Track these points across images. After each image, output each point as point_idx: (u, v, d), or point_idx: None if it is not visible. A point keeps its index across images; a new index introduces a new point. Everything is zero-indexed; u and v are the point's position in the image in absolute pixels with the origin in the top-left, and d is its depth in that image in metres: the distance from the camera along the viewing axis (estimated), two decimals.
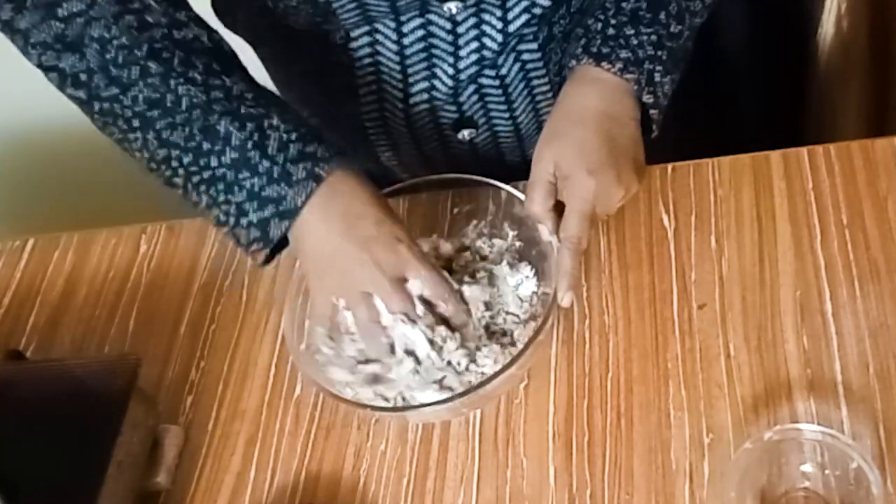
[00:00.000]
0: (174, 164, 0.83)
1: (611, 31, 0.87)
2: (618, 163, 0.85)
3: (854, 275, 0.88)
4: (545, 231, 0.87)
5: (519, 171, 0.92)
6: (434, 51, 0.95)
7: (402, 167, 1.10)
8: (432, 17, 0.92)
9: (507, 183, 0.92)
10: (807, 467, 0.76)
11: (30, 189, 1.58)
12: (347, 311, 0.84)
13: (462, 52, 0.95)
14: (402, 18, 0.92)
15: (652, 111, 0.89)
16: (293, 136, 0.82)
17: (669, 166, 0.99)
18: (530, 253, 0.91)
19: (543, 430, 0.85)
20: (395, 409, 0.85)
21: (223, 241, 1.04)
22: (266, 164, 0.81)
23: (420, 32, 0.94)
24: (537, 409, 0.86)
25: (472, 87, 0.98)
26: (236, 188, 0.82)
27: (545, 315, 0.83)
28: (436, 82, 0.97)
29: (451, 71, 0.97)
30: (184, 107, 0.81)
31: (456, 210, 0.96)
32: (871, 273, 0.88)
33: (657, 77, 0.88)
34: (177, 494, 0.87)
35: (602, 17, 0.88)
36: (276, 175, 0.81)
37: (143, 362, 0.87)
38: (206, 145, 0.82)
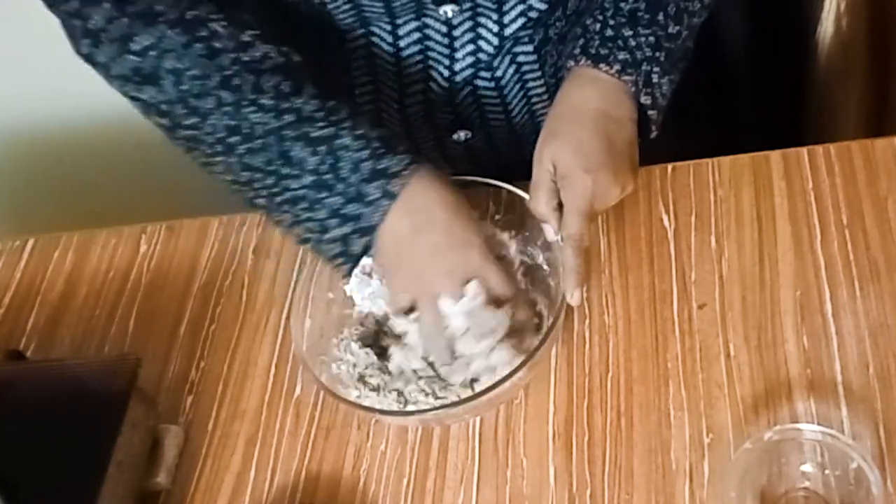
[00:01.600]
0: (257, 185, 0.86)
1: (609, 32, 0.87)
2: (615, 162, 0.85)
3: (854, 275, 0.88)
4: (550, 231, 0.87)
5: (515, 172, 0.92)
6: (430, 53, 0.95)
7: None
8: (428, 20, 0.92)
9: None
10: (807, 467, 0.76)
11: (30, 189, 1.57)
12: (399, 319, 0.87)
13: (458, 55, 0.95)
14: (398, 21, 0.93)
15: (650, 112, 0.89)
16: (364, 155, 0.83)
17: (669, 166, 0.99)
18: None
19: (543, 431, 0.85)
20: (394, 412, 0.85)
21: (223, 241, 1.05)
22: (341, 186, 0.83)
23: (416, 35, 0.94)
24: (537, 409, 0.86)
25: (467, 90, 0.99)
26: (318, 206, 0.84)
27: (555, 316, 0.84)
28: (431, 84, 0.97)
29: (446, 73, 0.97)
30: (259, 133, 0.83)
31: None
32: (871, 273, 0.88)
33: (655, 78, 0.88)
34: (177, 494, 0.87)
35: (600, 17, 0.88)
36: (352, 195, 0.83)
37: (143, 362, 0.87)
38: (284, 170, 0.84)
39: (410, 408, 0.85)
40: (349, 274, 0.87)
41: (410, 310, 0.87)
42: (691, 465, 0.80)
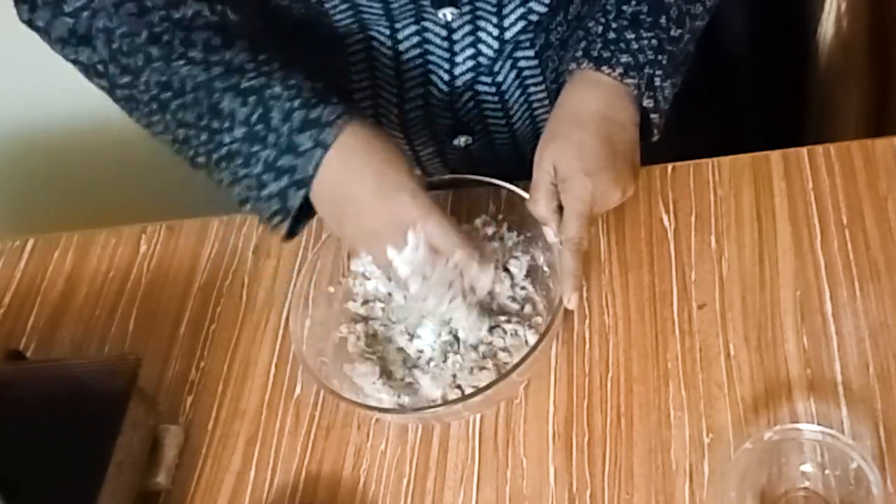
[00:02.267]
0: (193, 142, 0.84)
1: (611, 35, 0.87)
2: (615, 165, 0.85)
3: (854, 275, 0.88)
4: (550, 233, 0.87)
5: (515, 176, 0.92)
6: (429, 57, 0.95)
7: None
8: (427, 23, 0.92)
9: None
10: (807, 467, 0.76)
11: (30, 189, 1.57)
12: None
13: (458, 59, 0.95)
14: (397, 25, 0.92)
15: (652, 115, 0.89)
16: (296, 104, 0.81)
17: (669, 166, 0.99)
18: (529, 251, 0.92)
19: (543, 431, 0.85)
20: (394, 410, 0.85)
21: (223, 240, 1.05)
22: (273, 136, 0.81)
23: (415, 39, 0.93)
24: (537, 409, 0.86)
25: (468, 94, 0.98)
26: (252, 160, 0.82)
27: (551, 318, 0.84)
28: (431, 88, 0.97)
29: (446, 77, 0.96)
30: (189, 87, 0.82)
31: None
32: (871, 273, 0.88)
33: (657, 81, 0.87)
34: (177, 494, 0.87)
35: (603, 20, 0.88)
36: (284, 146, 0.81)
37: (143, 362, 0.87)
38: (215, 123, 0.82)
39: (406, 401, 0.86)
40: (290, 235, 0.85)
41: None
42: (691, 465, 0.80)
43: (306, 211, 0.84)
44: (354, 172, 0.81)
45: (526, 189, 0.89)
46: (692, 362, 0.86)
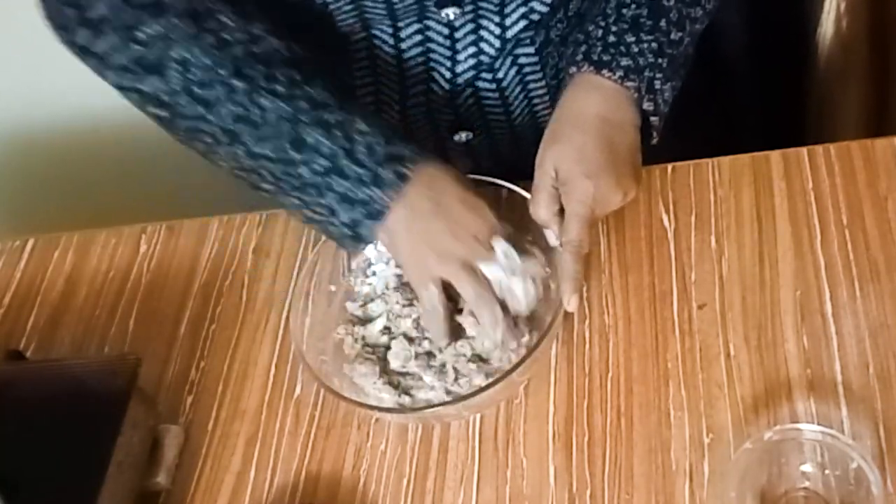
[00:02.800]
0: (263, 172, 0.86)
1: (611, 39, 0.87)
2: (616, 168, 0.85)
3: (854, 275, 0.88)
4: (551, 236, 0.87)
5: (516, 173, 0.93)
6: (432, 55, 0.95)
7: None
8: (430, 22, 0.93)
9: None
10: (807, 467, 0.76)
11: (30, 189, 1.57)
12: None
13: (460, 57, 0.95)
14: (400, 24, 0.92)
15: (652, 118, 0.89)
16: (380, 140, 0.84)
17: (669, 166, 0.99)
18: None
19: (543, 431, 0.85)
20: (394, 410, 0.85)
21: (223, 240, 1.05)
22: (357, 169, 0.84)
23: (418, 38, 0.94)
24: (537, 409, 0.86)
25: (469, 91, 0.99)
26: (328, 192, 0.85)
27: (551, 320, 0.84)
28: (433, 86, 0.97)
29: (448, 75, 0.97)
30: (272, 120, 0.84)
31: None
32: (871, 273, 0.88)
33: (657, 84, 0.88)
34: (177, 494, 0.87)
35: (603, 23, 0.88)
36: (366, 179, 0.83)
37: (143, 362, 0.87)
38: (296, 156, 0.84)
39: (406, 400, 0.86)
40: (355, 251, 0.88)
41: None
42: (691, 465, 0.80)
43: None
44: (440, 195, 0.84)
45: (527, 189, 0.89)
46: (692, 362, 0.86)
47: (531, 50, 0.97)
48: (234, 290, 1.01)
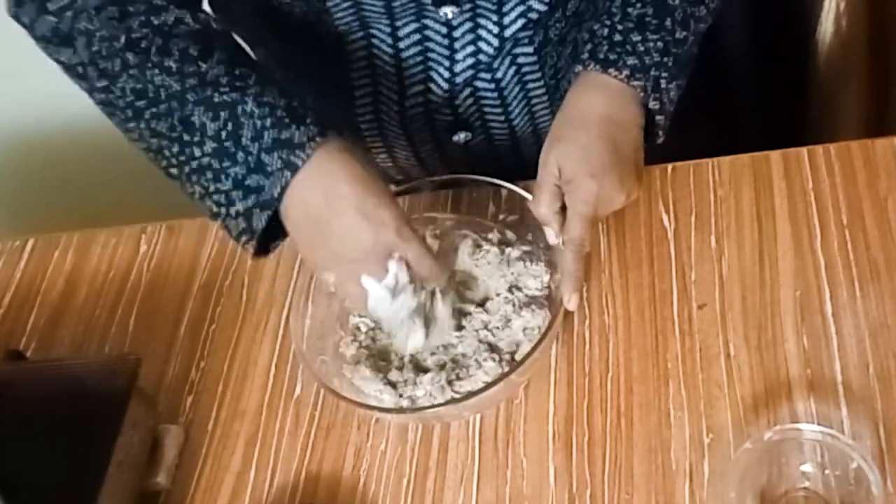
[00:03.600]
0: (166, 153, 0.83)
1: (617, 38, 0.87)
2: (620, 168, 0.85)
3: (854, 275, 0.88)
4: (551, 234, 0.87)
5: (514, 173, 0.93)
6: (430, 54, 0.95)
7: (397, 169, 1.10)
8: (428, 21, 0.92)
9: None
10: (807, 467, 0.76)
11: (30, 189, 1.57)
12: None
13: (458, 56, 0.95)
14: (398, 23, 0.92)
15: (658, 117, 0.89)
16: (268, 123, 0.79)
17: (669, 166, 0.99)
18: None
19: (543, 431, 0.85)
20: (394, 410, 0.85)
21: (223, 240, 1.04)
22: (242, 154, 0.79)
23: (416, 37, 0.94)
24: (537, 409, 0.86)
25: (467, 91, 0.98)
26: (223, 176, 0.81)
27: (551, 319, 0.84)
28: (431, 85, 0.97)
29: (446, 74, 0.96)
30: (163, 97, 0.81)
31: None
32: (871, 273, 0.88)
33: (663, 84, 0.88)
34: (177, 494, 0.87)
35: (608, 22, 0.88)
36: (252, 165, 0.79)
37: (143, 362, 0.87)
38: (186, 136, 0.81)
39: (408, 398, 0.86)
40: (259, 254, 0.84)
41: None
42: (691, 465, 0.80)
43: (280, 231, 0.83)
44: (332, 196, 0.79)
45: (525, 188, 0.89)
46: (692, 362, 0.86)
47: (530, 49, 0.97)
48: (234, 290, 1.01)
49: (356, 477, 0.86)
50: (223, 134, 0.80)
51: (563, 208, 0.86)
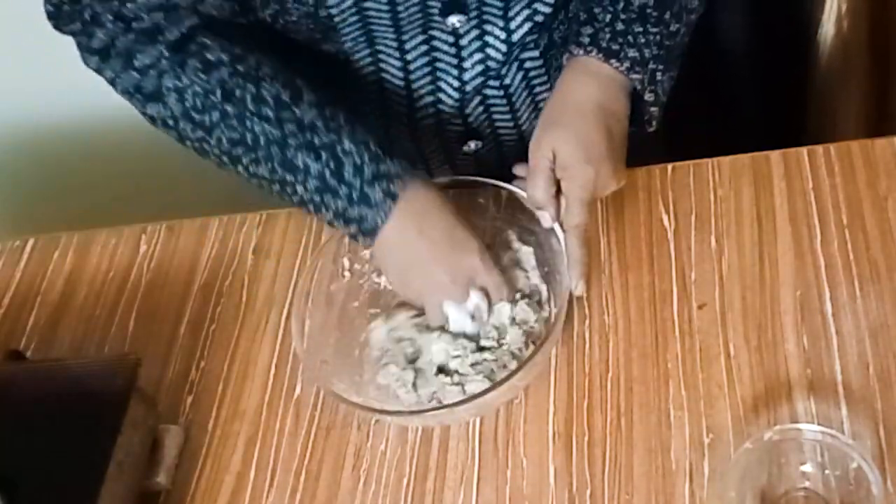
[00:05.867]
0: (265, 189, 0.90)
1: (619, 27, 0.88)
2: (614, 156, 0.87)
3: (854, 275, 0.88)
4: (546, 218, 0.88)
5: (523, 181, 0.93)
6: (438, 64, 0.95)
7: None
8: (435, 32, 0.92)
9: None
10: (807, 467, 0.76)
11: (30, 189, 1.57)
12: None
13: (466, 64, 0.95)
14: (405, 36, 0.92)
15: (652, 108, 0.90)
16: (365, 158, 0.86)
17: (669, 166, 0.99)
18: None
19: (543, 431, 0.85)
20: (394, 412, 0.85)
21: (223, 240, 1.05)
22: (345, 189, 0.86)
23: (423, 48, 0.93)
24: (537, 409, 0.86)
25: (477, 99, 0.99)
26: (324, 209, 0.87)
27: (558, 310, 0.84)
28: (441, 96, 0.97)
29: (456, 84, 0.96)
30: (262, 143, 0.86)
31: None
32: (871, 273, 0.88)
33: (658, 76, 0.89)
34: (177, 494, 0.87)
35: (610, 8, 0.89)
36: (355, 198, 0.86)
37: (143, 362, 0.87)
38: (289, 177, 0.87)
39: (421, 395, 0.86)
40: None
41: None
42: (691, 465, 0.80)
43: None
44: (426, 225, 0.86)
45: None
46: (692, 362, 0.86)
47: (536, 53, 0.97)
48: (234, 290, 1.01)
49: (356, 477, 0.86)
50: (326, 172, 0.86)
51: (558, 192, 0.87)
